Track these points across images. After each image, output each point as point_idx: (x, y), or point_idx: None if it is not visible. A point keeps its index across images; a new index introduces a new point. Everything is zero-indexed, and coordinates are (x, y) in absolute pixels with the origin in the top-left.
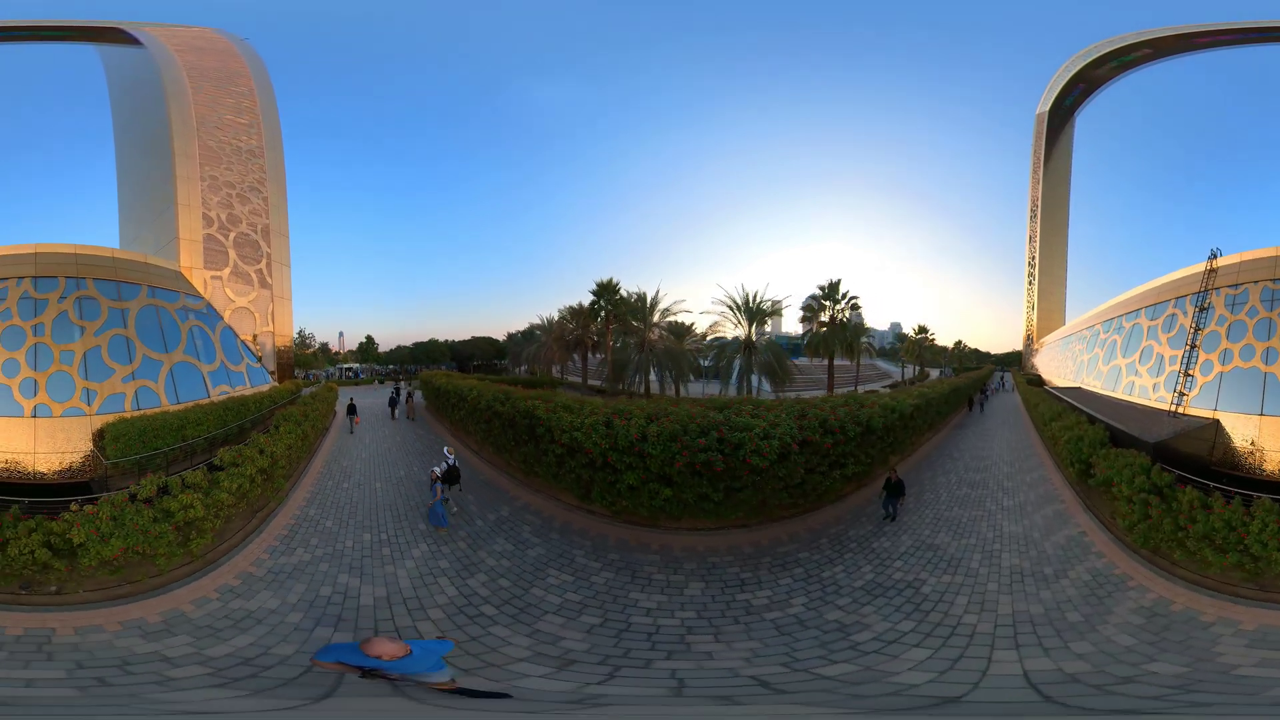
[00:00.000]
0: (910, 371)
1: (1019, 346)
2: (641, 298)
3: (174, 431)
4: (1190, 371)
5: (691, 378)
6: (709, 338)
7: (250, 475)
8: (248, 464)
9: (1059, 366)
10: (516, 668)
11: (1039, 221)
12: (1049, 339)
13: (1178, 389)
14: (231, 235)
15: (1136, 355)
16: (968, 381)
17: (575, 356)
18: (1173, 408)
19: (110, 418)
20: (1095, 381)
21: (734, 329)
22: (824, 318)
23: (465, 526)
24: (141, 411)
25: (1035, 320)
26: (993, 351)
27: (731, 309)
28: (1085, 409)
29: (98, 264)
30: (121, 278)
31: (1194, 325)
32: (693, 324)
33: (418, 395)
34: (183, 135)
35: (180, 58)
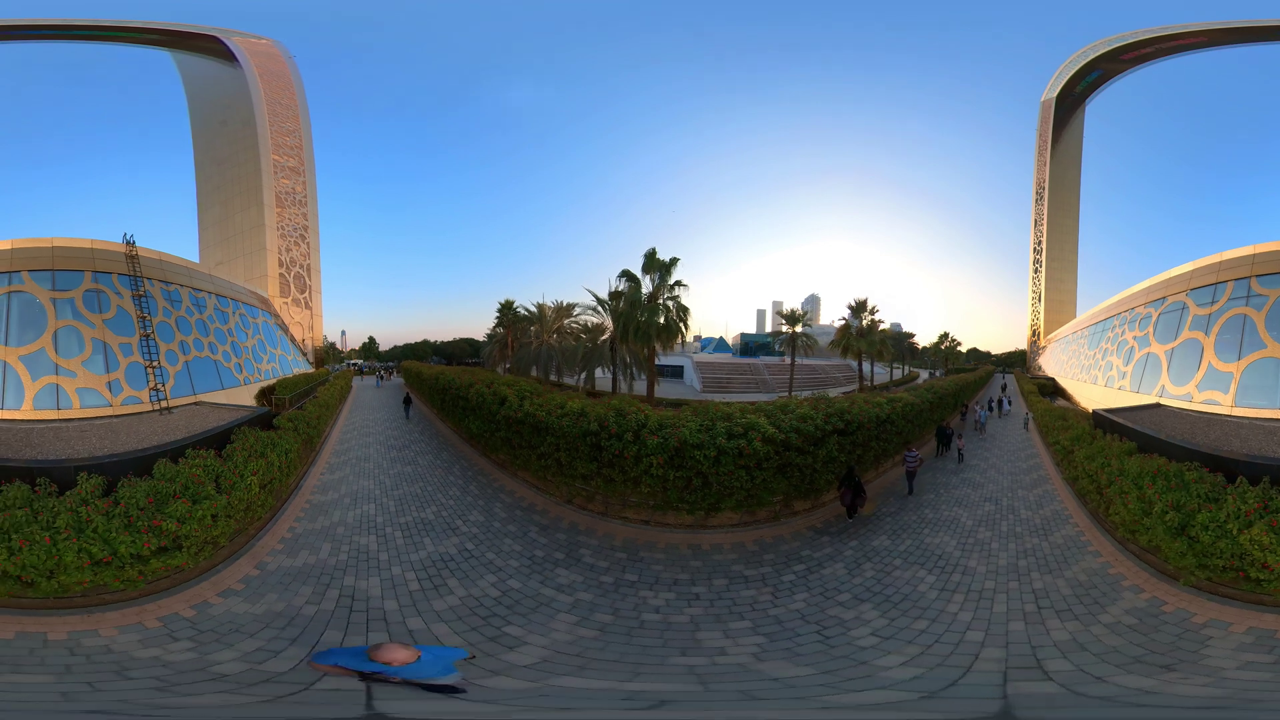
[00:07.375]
0: (898, 373)
1: (1023, 345)
2: (541, 308)
3: (298, 384)
4: None
5: (601, 372)
6: (600, 337)
7: (338, 391)
8: (333, 388)
9: (1082, 366)
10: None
11: (1046, 204)
12: (1061, 332)
13: None
14: (292, 273)
15: None
16: (916, 405)
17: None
18: None
19: (270, 381)
20: (1216, 394)
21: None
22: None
23: (393, 400)
24: (281, 377)
25: (1043, 313)
26: (994, 351)
27: (597, 309)
28: None
29: (238, 291)
30: (251, 303)
31: None
32: (601, 323)
33: (396, 378)
34: (270, 187)
35: (261, 86)
